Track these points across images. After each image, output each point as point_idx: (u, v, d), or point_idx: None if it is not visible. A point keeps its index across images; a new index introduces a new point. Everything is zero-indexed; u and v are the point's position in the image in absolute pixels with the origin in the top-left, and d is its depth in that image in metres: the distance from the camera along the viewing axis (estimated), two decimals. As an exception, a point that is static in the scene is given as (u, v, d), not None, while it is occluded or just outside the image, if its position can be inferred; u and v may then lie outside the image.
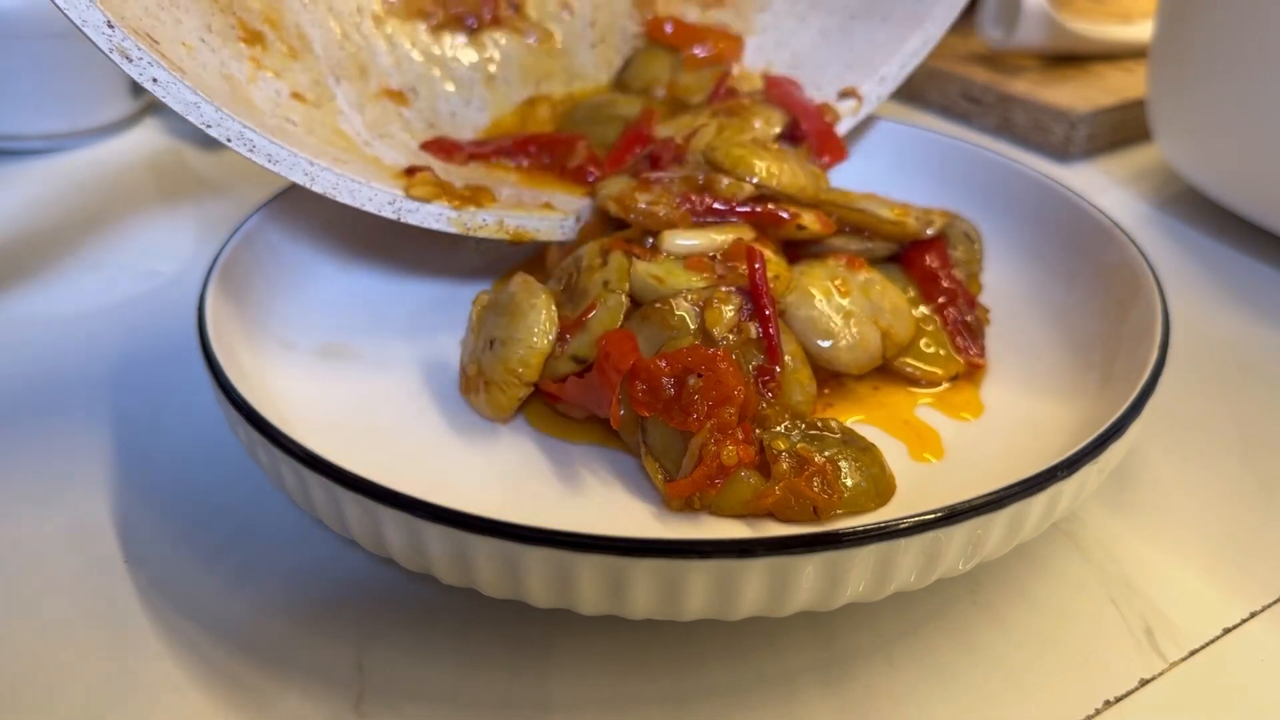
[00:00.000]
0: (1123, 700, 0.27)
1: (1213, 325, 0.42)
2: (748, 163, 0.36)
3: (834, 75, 0.44)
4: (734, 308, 0.31)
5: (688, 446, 0.29)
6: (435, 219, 0.36)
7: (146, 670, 0.27)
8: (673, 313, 0.31)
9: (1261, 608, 0.29)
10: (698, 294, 0.31)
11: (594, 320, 0.32)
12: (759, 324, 0.31)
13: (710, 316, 0.31)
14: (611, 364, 0.29)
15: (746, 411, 0.29)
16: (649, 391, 0.29)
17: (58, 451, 0.34)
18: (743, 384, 0.29)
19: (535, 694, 0.27)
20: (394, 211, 0.35)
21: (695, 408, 0.28)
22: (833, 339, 0.33)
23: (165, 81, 0.31)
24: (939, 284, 0.36)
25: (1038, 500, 0.26)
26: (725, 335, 0.31)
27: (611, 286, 0.33)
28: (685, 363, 0.29)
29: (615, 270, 0.33)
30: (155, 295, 0.43)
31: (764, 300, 0.31)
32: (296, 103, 0.37)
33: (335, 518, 0.27)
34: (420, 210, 0.36)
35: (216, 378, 0.29)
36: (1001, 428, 0.33)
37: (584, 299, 0.33)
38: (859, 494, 0.29)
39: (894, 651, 0.28)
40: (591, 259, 0.34)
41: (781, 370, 0.31)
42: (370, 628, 0.28)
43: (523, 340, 0.32)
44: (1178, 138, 0.49)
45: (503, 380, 0.32)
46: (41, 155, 0.55)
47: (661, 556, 0.24)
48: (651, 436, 0.30)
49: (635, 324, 0.32)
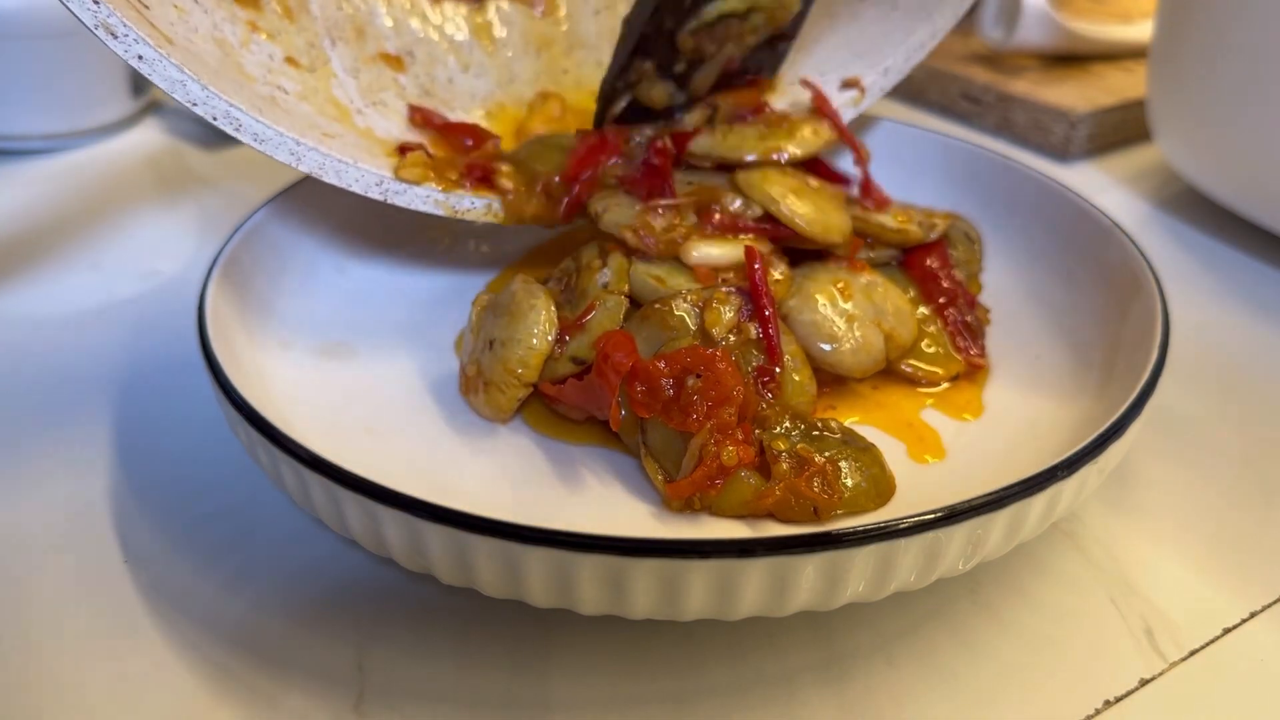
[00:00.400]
0: (1123, 700, 0.27)
1: (1213, 325, 0.42)
2: (770, 197, 0.35)
3: (840, 63, 0.44)
4: (733, 308, 0.31)
5: (687, 447, 0.29)
6: (423, 201, 0.36)
7: (146, 670, 0.27)
8: (672, 313, 0.31)
9: (1261, 608, 0.29)
10: (697, 294, 0.31)
11: (593, 321, 0.32)
12: (758, 324, 0.31)
13: (710, 317, 0.31)
14: (610, 365, 0.29)
15: (746, 412, 0.29)
16: (648, 392, 0.29)
17: (58, 451, 0.34)
18: (742, 384, 0.29)
19: (535, 694, 0.27)
20: (381, 193, 0.35)
21: (695, 408, 0.28)
22: (836, 343, 0.33)
23: (151, 59, 0.30)
24: (939, 284, 0.36)
25: (1038, 500, 0.26)
26: (725, 336, 0.31)
27: (611, 288, 0.33)
28: (684, 363, 0.29)
29: (615, 271, 0.33)
30: (155, 295, 0.43)
31: (763, 300, 0.31)
32: (290, 68, 0.37)
33: (335, 518, 0.27)
34: (408, 193, 0.36)
35: (217, 377, 0.29)
36: (1001, 428, 0.33)
37: (583, 300, 0.33)
38: (859, 494, 0.29)
39: (894, 651, 0.28)
40: (590, 259, 0.34)
41: (781, 371, 0.31)
42: (370, 628, 0.28)
43: (522, 341, 0.32)
44: (1178, 138, 0.49)
45: (502, 381, 0.32)
46: (41, 155, 0.55)
47: (661, 556, 0.24)
48: (651, 437, 0.30)
49: (634, 325, 0.32)
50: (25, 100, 0.53)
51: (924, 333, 0.35)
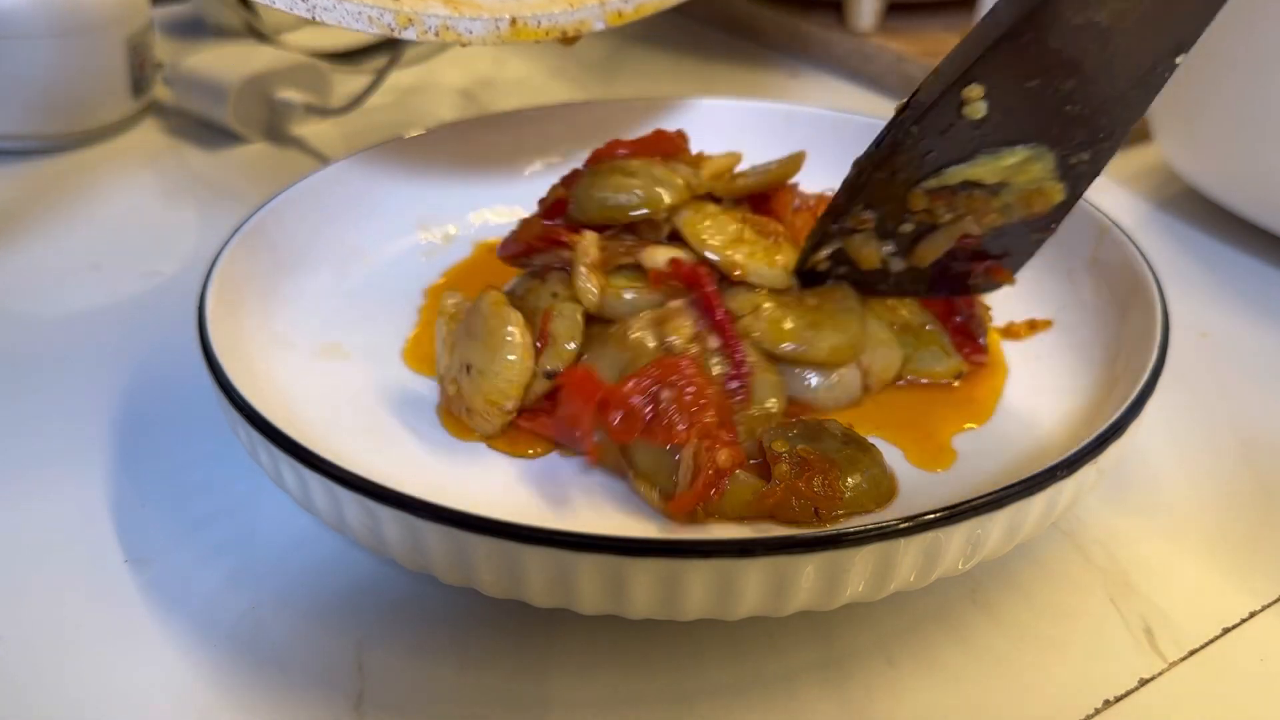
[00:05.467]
0: (1122, 700, 0.27)
1: (1213, 325, 0.42)
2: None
3: None
4: (689, 320, 0.31)
5: (676, 461, 0.29)
6: (354, 18, 0.34)
7: (146, 670, 0.27)
8: (629, 334, 0.31)
9: (1261, 607, 0.29)
10: (651, 313, 0.31)
11: (556, 330, 0.32)
12: (716, 333, 0.31)
13: (670, 329, 0.31)
14: (579, 401, 0.29)
15: (724, 415, 0.29)
16: (625, 418, 0.28)
17: (58, 451, 0.34)
18: (713, 385, 0.29)
19: (535, 694, 0.27)
20: (308, 10, 0.33)
21: (676, 419, 0.28)
22: (811, 378, 0.33)
23: None
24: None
25: (1037, 500, 0.26)
26: (686, 347, 0.31)
27: (561, 296, 0.33)
28: (653, 377, 0.29)
29: (558, 281, 0.33)
30: (155, 295, 0.43)
31: (716, 310, 0.31)
32: None
33: (335, 518, 0.27)
34: (337, 9, 0.34)
35: (217, 377, 0.29)
36: (1002, 427, 0.33)
37: (535, 316, 0.33)
38: (859, 494, 0.29)
39: (894, 651, 0.28)
40: (534, 283, 0.34)
41: (750, 373, 0.31)
42: (370, 628, 0.28)
43: (501, 374, 0.31)
44: (1177, 138, 0.49)
45: (485, 411, 0.32)
46: (41, 155, 0.55)
47: (661, 556, 0.24)
48: (637, 459, 0.29)
49: (594, 350, 0.31)
50: (25, 100, 0.53)
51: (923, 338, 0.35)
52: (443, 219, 0.43)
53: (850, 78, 0.66)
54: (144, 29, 0.56)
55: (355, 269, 0.40)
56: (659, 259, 0.33)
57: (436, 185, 0.44)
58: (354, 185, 0.41)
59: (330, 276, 0.39)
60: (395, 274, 0.40)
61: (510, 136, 0.45)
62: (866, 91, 0.65)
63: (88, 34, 0.53)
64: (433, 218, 0.43)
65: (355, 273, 0.40)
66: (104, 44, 0.53)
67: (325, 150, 0.55)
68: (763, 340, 0.31)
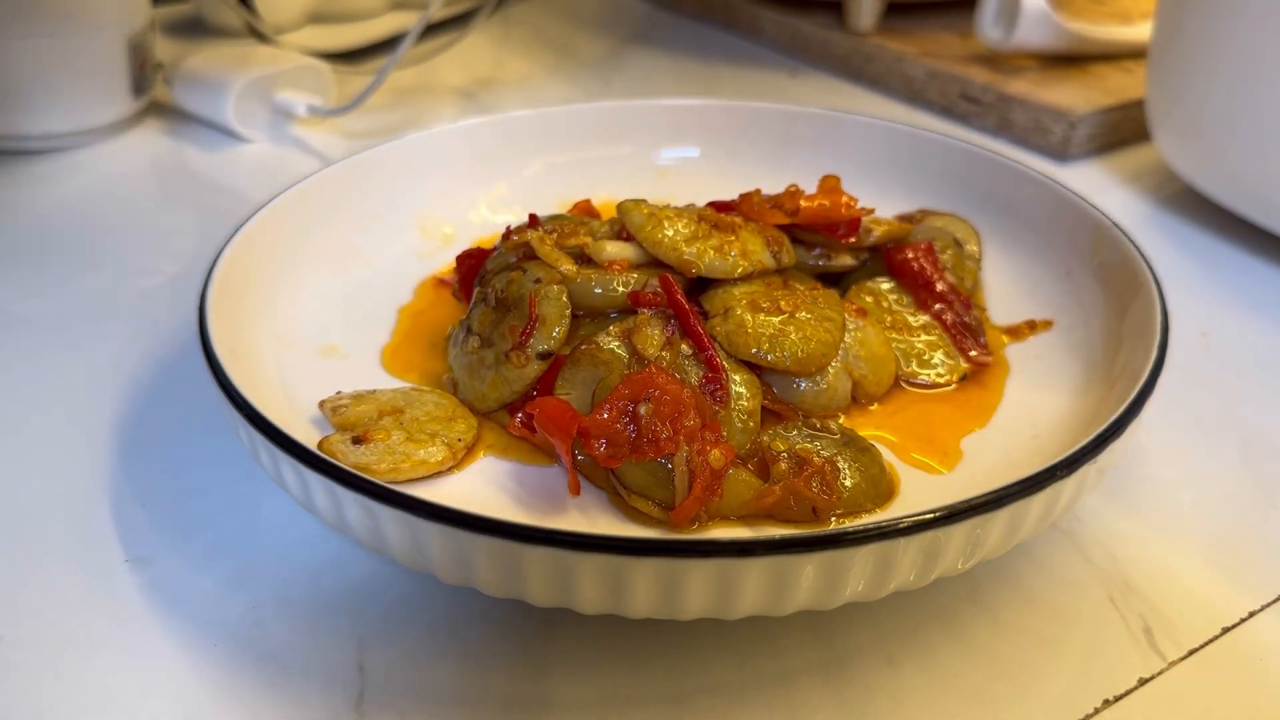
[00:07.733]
0: (1122, 700, 0.27)
1: (1213, 325, 0.42)
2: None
3: None
4: (659, 327, 0.31)
5: (668, 471, 0.28)
6: None
7: (147, 670, 0.27)
8: (600, 350, 0.31)
9: (1261, 607, 0.29)
10: (620, 326, 0.31)
11: (545, 313, 0.32)
12: (688, 338, 0.31)
13: (640, 340, 0.31)
14: (556, 438, 0.28)
15: (705, 416, 0.29)
16: (610, 444, 0.28)
17: (58, 451, 0.34)
18: (688, 389, 0.29)
19: (535, 694, 0.27)
20: None
21: (659, 430, 0.28)
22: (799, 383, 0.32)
23: None
24: (933, 290, 0.36)
25: (1037, 500, 0.26)
26: (658, 355, 0.30)
27: (545, 280, 0.33)
28: (626, 396, 0.28)
29: (537, 268, 0.33)
30: (156, 295, 0.43)
31: (686, 315, 0.31)
32: None
33: (336, 518, 0.27)
34: None
35: (217, 377, 0.29)
36: (1002, 427, 0.33)
37: (521, 303, 0.33)
38: (859, 494, 0.29)
39: (894, 651, 0.28)
40: (514, 274, 0.34)
41: (725, 376, 0.30)
42: (370, 628, 0.28)
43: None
44: (1177, 138, 0.49)
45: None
46: (41, 155, 0.55)
47: (661, 556, 0.24)
48: (627, 477, 0.29)
49: (566, 372, 0.31)
50: (25, 100, 0.53)
51: (924, 340, 0.35)
52: (442, 219, 0.43)
53: (850, 78, 0.66)
54: (144, 29, 0.56)
55: (355, 269, 0.40)
56: (608, 253, 0.33)
57: (436, 186, 0.44)
58: (354, 185, 0.41)
59: (330, 276, 0.39)
60: (395, 274, 0.40)
61: (510, 136, 0.45)
62: (867, 91, 0.65)
63: (88, 34, 0.53)
64: (432, 218, 0.43)
65: (355, 273, 0.40)
66: (104, 44, 0.53)
67: (325, 150, 0.55)
68: (729, 346, 0.31)
